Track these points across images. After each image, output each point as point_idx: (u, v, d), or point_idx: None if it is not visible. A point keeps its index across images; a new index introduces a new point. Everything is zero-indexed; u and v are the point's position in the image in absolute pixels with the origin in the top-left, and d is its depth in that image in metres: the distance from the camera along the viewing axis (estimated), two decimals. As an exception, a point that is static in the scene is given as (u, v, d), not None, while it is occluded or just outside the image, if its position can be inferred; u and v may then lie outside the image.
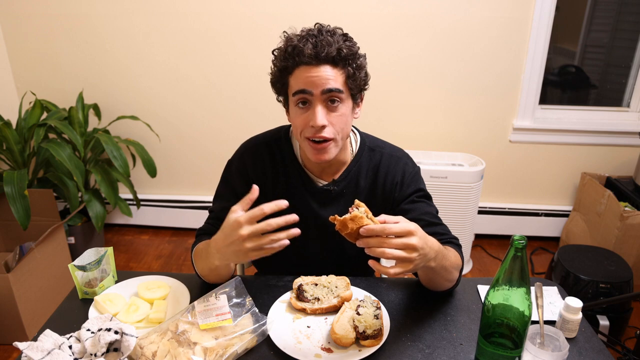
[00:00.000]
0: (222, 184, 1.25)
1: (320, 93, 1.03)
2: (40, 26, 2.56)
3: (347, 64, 1.05)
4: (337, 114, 1.06)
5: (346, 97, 1.07)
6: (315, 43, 1.02)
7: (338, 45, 1.03)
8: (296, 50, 1.03)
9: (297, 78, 1.05)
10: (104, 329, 0.92)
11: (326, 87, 1.03)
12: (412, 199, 1.18)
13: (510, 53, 2.50)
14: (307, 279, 1.13)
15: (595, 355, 0.97)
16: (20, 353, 0.90)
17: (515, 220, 2.84)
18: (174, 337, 0.93)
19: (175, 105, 2.70)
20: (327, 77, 1.03)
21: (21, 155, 2.37)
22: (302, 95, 1.05)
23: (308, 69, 1.03)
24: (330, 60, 1.03)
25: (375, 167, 1.21)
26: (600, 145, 2.68)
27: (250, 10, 2.46)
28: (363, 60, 1.09)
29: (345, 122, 1.09)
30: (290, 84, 1.08)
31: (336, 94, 1.04)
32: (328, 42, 1.02)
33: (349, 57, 1.04)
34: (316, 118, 1.03)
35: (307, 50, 1.02)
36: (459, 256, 1.11)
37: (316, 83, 1.03)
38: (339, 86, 1.04)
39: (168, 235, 2.93)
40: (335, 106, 1.06)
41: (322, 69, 1.03)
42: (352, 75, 1.06)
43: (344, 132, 1.10)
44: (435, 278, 1.07)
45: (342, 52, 1.03)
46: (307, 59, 1.02)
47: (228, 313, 0.98)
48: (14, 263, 1.89)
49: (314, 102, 1.05)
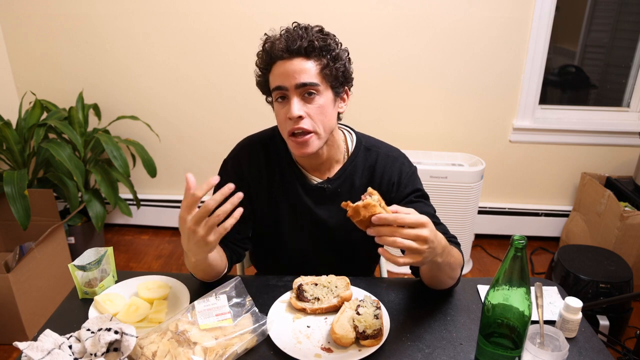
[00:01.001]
0: (218, 183, 1.25)
1: (294, 87, 1.05)
2: (40, 26, 2.56)
3: (322, 55, 1.06)
4: (314, 106, 1.07)
5: (324, 89, 1.08)
6: (287, 37, 1.05)
7: (310, 37, 1.05)
8: (271, 47, 1.07)
9: (274, 75, 1.08)
10: (104, 329, 0.92)
11: (300, 81, 1.04)
12: (409, 199, 1.18)
13: (510, 53, 2.50)
14: (307, 279, 1.13)
15: (595, 355, 0.97)
16: (20, 353, 0.90)
17: (515, 220, 2.84)
18: (174, 337, 0.93)
19: (175, 105, 2.70)
20: (300, 69, 1.04)
21: (21, 155, 2.37)
22: (279, 91, 1.07)
23: (282, 63, 1.06)
24: (302, 52, 1.05)
25: (372, 166, 1.21)
26: (600, 145, 2.68)
27: (250, 10, 2.46)
28: (341, 53, 1.10)
29: (325, 114, 1.08)
30: (270, 81, 1.10)
31: (310, 87, 1.05)
32: (299, 36, 1.05)
33: (323, 49, 1.06)
34: (292, 109, 1.05)
35: (279, 44, 1.05)
36: (461, 254, 1.11)
37: (289, 77, 1.05)
38: (313, 79, 1.05)
39: (168, 235, 2.93)
40: (311, 98, 1.06)
41: (295, 62, 1.05)
42: (327, 65, 1.06)
43: (324, 125, 1.09)
44: (439, 275, 1.06)
45: (314, 44, 1.04)
46: (279, 52, 1.05)
47: (228, 313, 0.98)
48: (14, 263, 1.89)
49: (289, 96, 1.06)
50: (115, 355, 0.91)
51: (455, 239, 1.16)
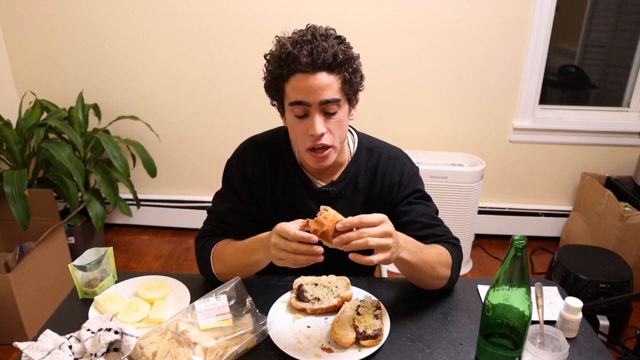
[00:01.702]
0: (223, 184, 1.25)
1: (318, 104, 1.03)
2: (40, 26, 2.56)
3: (343, 69, 1.04)
4: (334, 121, 1.06)
5: (343, 102, 1.07)
6: (310, 50, 1.00)
7: (333, 50, 1.01)
8: (291, 58, 1.00)
9: (293, 87, 1.03)
10: (104, 329, 0.92)
11: (324, 98, 1.02)
12: (409, 201, 1.18)
13: (510, 53, 2.50)
14: (307, 279, 1.13)
15: (595, 355, 0.97)
16: (20, 353, 0.90)
17: (515, 220, 2.84)
18: (174, 337, 0.93)
19: (175, 105, 2.70)
20: (324, 85, 1.01)
21: (21, 155, 2.37)
22: (300, 106, 1.04)
23: (304, 77, 1.01)
24: (327, 67, 1.01)
25: (374, 167, 1.20)
26: (600, 145, 2.68)
27: (251, 11, 2.46)
28: (358, 63, 1.08)
29: (342, 127, 1.09)
30: (287, 92, 1.06)
31: (333, 104, 1.04)
32: (323, 48, 1.00)
33: (345, 62, 1.03)
34: (315, 127, 1.03)
35: (303, 58, 0.99)
36: (450, 254, 1.10)
37: (313, 93, 1.02)
38: (336, 95, 1.03)
39: (168, 235, 2.93)
40: (332, 114, 1.05)
41: (319, 77, 1.01)
42: (349, 80, 1.05)
43: (341, 137, 1.10)
44: (418, 274, 1.06)
45: (337, 58, 1.01)
46: (303, 67, 1.00)
47: (228, 313, 0.98)
48: (14, 263, 1.89)
49: (311, 112, 1.04)
50: (115, 356, 0.91)
51: (455, 241, 1.16)
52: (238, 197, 1.20)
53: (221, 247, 1.14)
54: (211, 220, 1.22)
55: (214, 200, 1.25)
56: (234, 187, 1.21)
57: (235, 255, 1.11)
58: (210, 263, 1.14)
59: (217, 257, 1.14)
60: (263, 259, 1.06)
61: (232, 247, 1.13)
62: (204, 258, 1.16)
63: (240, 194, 1.20)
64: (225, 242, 1.15)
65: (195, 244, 1.22)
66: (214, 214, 1.22)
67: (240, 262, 1.10)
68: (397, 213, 1.17)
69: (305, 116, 1.05)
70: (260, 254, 1.05)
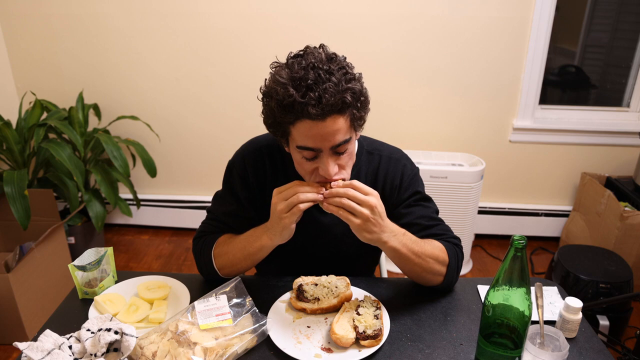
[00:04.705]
0: (223, 186, 1.25)
1: (329, 149, 0.99)
2: (41, 26, 2.56)
3: (352, 107, 0.98)
4: (346, 156, 1.03)
5: (352, 136, 1.03)
6: (318, 98, 0.92)
7: (341, 94, 0.93)
8: (297, 106, 0.93)
9: (300, 132, 0.97)
10: (103, 329, 0.92)
11: (335, 143, 0.98)
12: (408, 203, 1.18)
13: (510, 53, 2.50)
14: (307, 279, 1.13)
15: (595, 355, 0.97)
16: (20, 353, 0.90)
17: (515, 220, 2.84)
18: (174, 337, 0.93)
19: (175, 105, 2.70)
20: (335, 131, 0.96)
21: (21, 155, 2.37)
22: (308, 151, 0.99)
23: (312, 124, 0.95)
24: (336, 111, 0.95)
25: (375, 170, 1.20)
26: (600, 145, 2.68)
27: (251, 11, 2.46)
28: (365, 92, 1.01)
29: (353, 157, 1.07)
30: (292, 134, 1.00)
31: (345, 144, 1.00)
32: (331, 93, 0.92)
33: (353, 101, 0.97)
34: (329, 171, 1.00)
35: (311, 109, 0.92)
36: (447, 251, 1.10)
37: (324, 140, 0.97)
38: (347, 135, 0.99)
39: (168, 235, 2.93)
40: (343, 152, 1.02)
41: (329, 122, 0.95)
42: (358, 117, 1.01)
43: (352, 166, 1.09)
44: (409, 265, 1.06)
45: (346, 100, 0.94)
46: (311, 115, 0.93)
47: (228, 313, 0.98)
48: (14, 263, 1.89)
49: (322, 155, 1.00)
50: (115, 356, 0.91)
51: (455, 240, 1.16)
52: (238, 200, 1.20)
53: (222, 240, 1.16)
54: (210, 220, 1.22)
55: (213, 201, 1.24)
56: (234, 191, 1.20)
57: (238, 245, 1.12)
58: (212, 258, 1.14)
59: (218, 251, 1.15)
60: (267, 243, 1.07)
61: (234, 238, 1.15)
62: (205, 254, 1.16)
63: (241, 198, 1.19)
64: (227, 237, 1.18)
65: (193, 242, 1.22)
66: (213, 215, 1.22)
67: (243, 252, 1.11)
68: (396, 215, 1.17)
69: (314, 157, 1.01)
70: (264, 238, 1.07)
